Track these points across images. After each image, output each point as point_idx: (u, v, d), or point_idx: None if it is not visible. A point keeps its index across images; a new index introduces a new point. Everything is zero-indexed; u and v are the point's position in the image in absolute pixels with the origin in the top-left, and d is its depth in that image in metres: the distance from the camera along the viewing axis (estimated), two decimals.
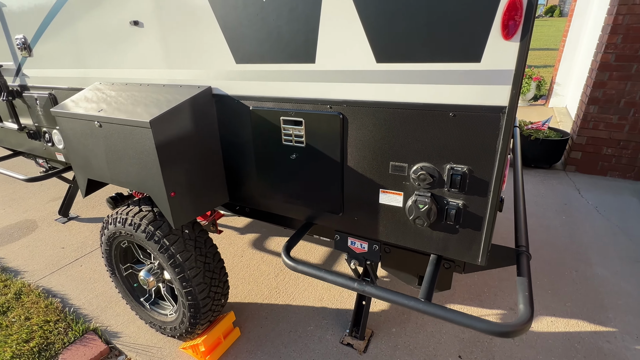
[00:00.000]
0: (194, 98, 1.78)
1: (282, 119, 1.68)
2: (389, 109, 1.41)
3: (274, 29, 1.55)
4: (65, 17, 2.22)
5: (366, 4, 1.32)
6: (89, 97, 2.11)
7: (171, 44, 1.87)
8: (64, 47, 2.34)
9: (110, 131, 1.84)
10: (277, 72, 1.62)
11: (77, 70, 2.37)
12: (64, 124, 2.07)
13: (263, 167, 1.85)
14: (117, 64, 2.14)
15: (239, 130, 1.85)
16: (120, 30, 2.02)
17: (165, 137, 1.71)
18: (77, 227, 3.67)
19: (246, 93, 1.74)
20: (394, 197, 1.52)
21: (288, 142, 1.71)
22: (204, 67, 1.81)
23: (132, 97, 1.94)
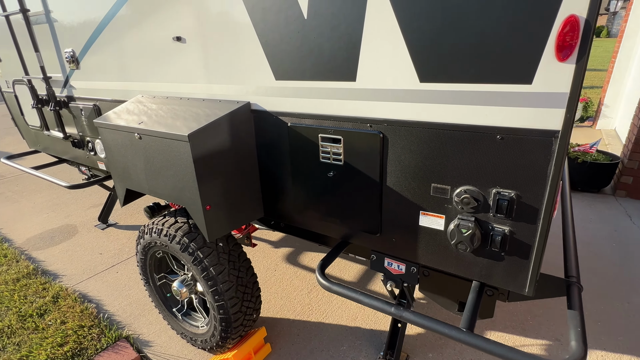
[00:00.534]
0: (233, 113, 1.80)
1: (320, 136, 1.66)
2: (432, 129, 1.36)
3: (315, 46, 1.54)
4: (112, 32, 2.31)
5: (411, 23, 1.29)
6: (130, 109, 2.18)
7: (212, 60, 1.90)
8: (109, 60, 2.44)
9: (150, 143, 1.89)
10: (317, 89, 1.60)
11: (120, 82, 2.45)
12: (105, 135, 2.14)
13: (299, 183, 1.83)
14: (158, 77, 2.20)
15: (277, 146, 1.85)
16: (163, 46, 2.08)
17: (202, 151, 1.73)
18: (115, 234, 3.78)
19: (285, 109, 1.74)
20: (435, 220, 1.46)
21: (326, 160, 1.68)
22: (243, 82, 1.83)
23: (172, 110, 1.98)
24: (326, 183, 1.73)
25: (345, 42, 1.46)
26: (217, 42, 1.84)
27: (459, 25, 1.21)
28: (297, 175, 1.82)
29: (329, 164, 1.68)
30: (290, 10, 1.56)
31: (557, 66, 1.13)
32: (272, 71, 1.71)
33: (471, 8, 1.18)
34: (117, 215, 4.16)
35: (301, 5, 1.53)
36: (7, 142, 7.30)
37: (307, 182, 1.80)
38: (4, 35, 3.08)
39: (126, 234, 3.79)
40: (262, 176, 1.99)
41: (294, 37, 1.59)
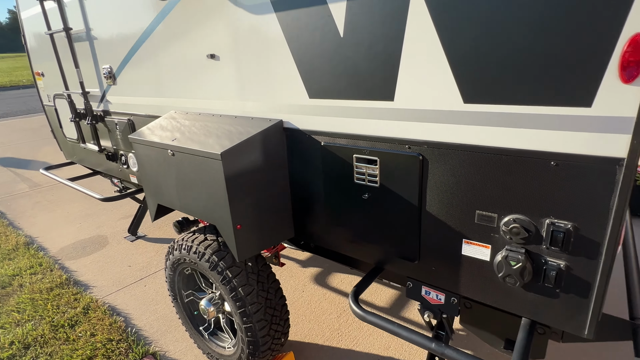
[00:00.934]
0: (265, 131, 1.77)
1: (355, 157, 1.60)
2: (477, 152, 1.28)
3: (351, 65, 1.49)
4: (148, 50, 2.35)
5: (454, 42, 1.22)
6: (164, 125, 2.19)
7: (245, 77, 1.88)
8: (144, 76, 2.47)
9: (182, 160, 1.88)
10: (352, 108, 1.55)
11: (154, 98, 2.49)
12: (139, 150, 2.16)
13: (332, 204, 1.77)
14: (192, 94, 2.21)
15: (309, 165, 1.80)
16: (197, 63, 2.09)
17: (234, 169, 1.70)
18: (144, 247, 3.83)
19: (318, 128, 1.69)
20: (479, 250, 1.36)
21: (360, 181, 1.62)
22: (276, 100, 1.80)
23: (205, 127, 1.98)
24: (360, 205, 1.66)
25: (383, 60, 1.40)
26: (251, 60, 1.82)
27: (508, 43, 1.13)
28: (330, 195, 1.76)
29: (363, 185, 1.62)
30: (325, 29, 1.52)
31: (620, 88, 1.04)
32: (305, 89, 1.67)
33: (523, 24, 1.10)
34: (146, 227, 4.21)
35: (337, 23, 1.48)
36: (46, 152, 7.62)
37: (340, 204, 1.74)
38: (48, 52, 3.21)
39: (154, 246, 3.82)
40: (294, 195, 1.94)
41: (328, 55, 1.55)
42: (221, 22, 1.87)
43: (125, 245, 3.89)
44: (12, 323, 2.77)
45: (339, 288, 3.05)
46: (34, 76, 3.74)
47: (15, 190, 5.58)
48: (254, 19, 1.74)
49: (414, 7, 1.27)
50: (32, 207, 4.98)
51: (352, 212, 1.71)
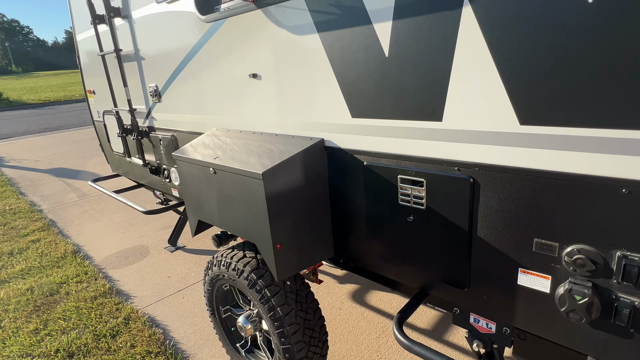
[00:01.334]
0: (307, 150, 1.75)
1: (399, 178, 1.55)
2: (536, 177, 1.19)
3: (396, 84, 1.45)
4: (192, 69, 2.42)
5: (509, 60, 1.15)
6: (206, 142, 2.23)
7: (286, 96, 1.89)
8: (188, 94, 2.55)
9: (224, 178, 1.89)
10: (397, 128, 1.50)
11: (197, 115, 2.55)
12: (182, 167, 2.21)
13: (374, 225, 1.72)
14: (233, 112, 2.24)
15: (351, 185, 1.76)
16: (239, 82, 2.12)
17: (276, 188, 1.69)
18: (183, 258, 3.91)
19: (361, 148, 1.66)
20: (538, 281, 1.26)
21: (405, 203, 1.56)
22: (318, 119, 1.79)
23: (246, 145, 1.99)
24: (404, 227, 1.60)
25: (430, 80, 1.35)
26: (292, 80, 1.82)
27: (571, 60, 1.06)
28: (372, 216, 1.71)
29: (408, 207, 1.56)
30: (370, 49, 1.49)
31: None
32: (348, 108, 1.65)
33: (589, 38, 1.02)
34: (185, 238, 4.31)
35: (382, 43, 1.45)
36: (95, 163, 8.04)
37: (383, 225, 1.68)
38: (99, 71, 3.39)
39: (193, 258, 3.90)
40: (334, 215, 1.90)
41: (373, 75, 1.51)
42: (264, 42, 1.89)
43: (165, 255, 3.99)
44: (58, 330, 2.89)
45: (378, 306, 2.96)
46: (86, 93, 3.97)
47: (65, 200, 5.90)
48: (297, 40, 1.74)
49: (466, 26, 1.22)
50: (80, 216, 5.23)
51: (395, 234, 1.65)
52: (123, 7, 2.83)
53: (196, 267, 3.70)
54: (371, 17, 1.46)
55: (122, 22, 2.90)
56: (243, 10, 1.94)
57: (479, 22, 1.19)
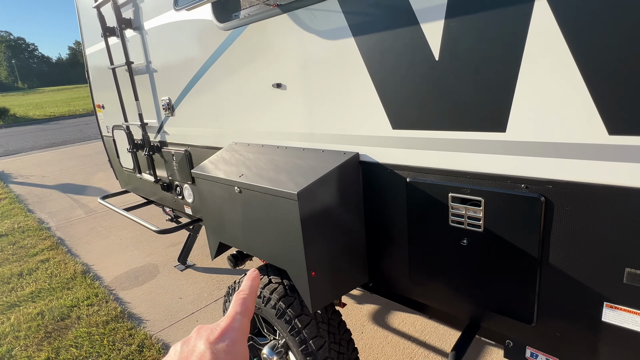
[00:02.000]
0: (342, 166, 1.59)
1: (450, 196, 1.38)
2: (629, 195, 1.02)
3: (448, 91, 1.29)
4: (208, 80, 2.28)
5: (596, 58, 0.99)
6: (227, 158, 2.07)
7: (315, 107, 1.73)
8: (203, 107, 2.40)
9: (250, 198, 1.73)
10: (449, 141, 1.34)
11: (213, 129, 2.40)
12: (202, 186, 2.05)
13: (418, 249, 1.55)
14: (254, 125, 2.09)
15: (390, 204, 1.59)
16: (260, 93, 1.97)
17: (311, 210, 1.52)
18: (194, 277, 3.74)
19: (403, 162, 1.49)
20: (630, 318, 1.08)
21: (457, 224, 1.39)
22: (351, 131, 1.63)
23: (272, 161, 1.83)
24: (456, 252, 1.43)
25: (491, 85, 1.19)
26: (323, 88, 1.67)
27: None
28: (416, 239, 1.54)
29: (461, 229, 1.38)
30: (416, 52, 1.34)
31: None
32: (388, 119, 1.49)
33: None
34: (195, 256, 4.14)
35: (431, 45, 1.30)
36: (100, 178, 7.92)
37: (429, 249, 1.51)
38: (109, 85, 3.26)
39: (204, 277, 3.72)
40: (369, 237, 1.73)
41: (419, 81, 1.36)
42: (290, 49, 1.74)
43: (176, 274, 3.82)
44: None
45: (402, 329, 2.76)
46: (95, 108, 3.84)
47: (73, 217, 5.76)
48: (328, 45, 1.59)
49: (538, 20, 1.06)
50: (88, 234, 5.08)
51: (445, 260, 1.47)
52: (134, 18, 2.71)
53: (208, 288, 3.52)
54: (418, 17, 1.30)
55: (133, 33, 2.77)
56: (266, 16, 1.79)
57: (555, 15, 1.03)
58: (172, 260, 4.12)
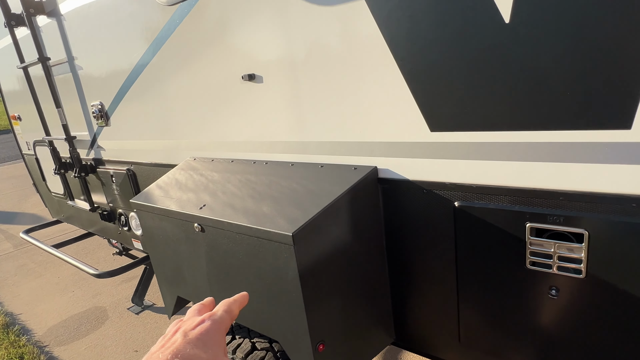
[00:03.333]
0: (355, 188, 1.09)
1: (529, 227, 0.92)
2: None
3: (528, 72, 0.83)
4: (151, 76, 1.70)
5: None
6: (181, 180, 1.51)
7: (306, 104, 1.22)
8: (147, 112, 1.82)
9: (219, 239, 1.19)
10: (529, 145, 0.88)
11: (162, 141, 1.82)
12: (148, 221, 1.47)
13: (474, 302, 1.08)
14: (217, 133, 1.54)
15: (428, 238, 1.11)
16: (225, 88, 1.43)
17: (313, 257, 1.01)
18: (153, 320, 3.08)
19: (449, 179, 1.02)
20: None
21: (541, 267, 0.93)
22: (364, 136, 1.14)
23: (248, 184, 1.30)
24: (538, 308, 0.97)
25: (605, 60, 0.74)
26: (317, 76, 1.17)
27: None
28: (471, 287, 1.07)
29: (548, 275, 0.93)
30: (470, 14, 0.87)
31: None
32: (423, 117, 1.01)
33: None
34: (154, 292, 3.47)
35: (498, 4, 0.83)
36: (34, 203, 6.88)
37: (493, 302, 1.04)
38: (24, 91, 2.57)
39: (166, 320, 3.07)
40: (395, 283, 1.24)
41: (477, 58, 0.89)
42: (266, 23, 1.23)
43: (130, 319, 3.14)
44: None
45: None
46: (10, 120, 3.09)
47: None
48: (324, 15, 1.09)
49: None
50: (16, 272, 4.23)
51: (520, 318, 1.01)
52: (47, 1, 2.07)
53: None
54: None
55: (47, 20, 2.13)
56: None
57: None
58: (126, 300, 3.41)
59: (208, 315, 0.48)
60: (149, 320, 3.10)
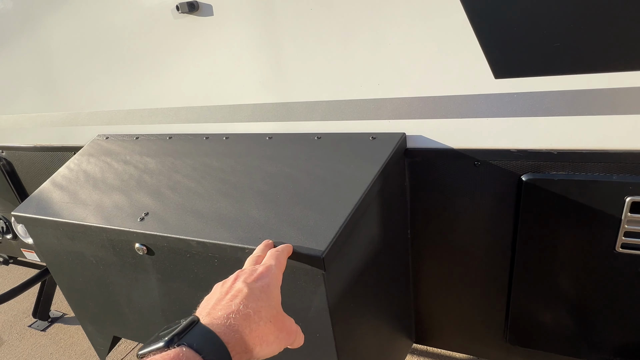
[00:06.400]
0: (385, 169, 0.75)
1: (629, 202, 0.69)
2: None
3: None
4: (17, 13, 1.10)
5: None
6: (94, 173, 1.00)
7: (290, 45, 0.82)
8: (22, 71, 1.21)
9: (181, 264, 0.78)
10: None
11: (50, 114, 1.24)
12: (49, 241, 0.96)
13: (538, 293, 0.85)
14: (141, 98, 1.06)
15: (477, 223, 0.84)
16: (149, 30, 0.94)
17: (342, 281, 0.70)
18: (67, 335, 2.48)
19: (515, 144, 0.74)
20: None
21: (637, 250, 0.72)
22: (387, 91, 0.79)
23: (208, 172, 0.87)
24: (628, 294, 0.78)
25: None
26: (310, 8, 0.77)
27: None
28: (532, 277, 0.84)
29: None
30: None
31: None
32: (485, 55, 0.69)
33: None
34: (62, 300, 2.82)
35: None
36: None
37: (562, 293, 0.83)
38: None
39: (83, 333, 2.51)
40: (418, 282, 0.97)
41: None
42: None
43: (34, 339, 2.50)
44: None
45: None
46: None
47: None
48: None
49: None
50: None
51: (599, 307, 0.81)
52: None
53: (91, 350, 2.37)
54: None
55: None
56: None
57: None
58: (24, 315, 2.71)
59: (265, 269, 0.51)
60: (62, 335, 2.50)
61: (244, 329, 0.42)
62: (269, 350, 0.45)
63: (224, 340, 0.40)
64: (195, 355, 0.37)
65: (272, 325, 0.46)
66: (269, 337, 0.45)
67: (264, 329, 0.44)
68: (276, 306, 0.48)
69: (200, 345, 0.38)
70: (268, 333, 0.45)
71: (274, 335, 0.46)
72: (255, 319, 0.44)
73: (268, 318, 0.45)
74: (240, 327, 0.42)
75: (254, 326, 0.43)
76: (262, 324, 0.44)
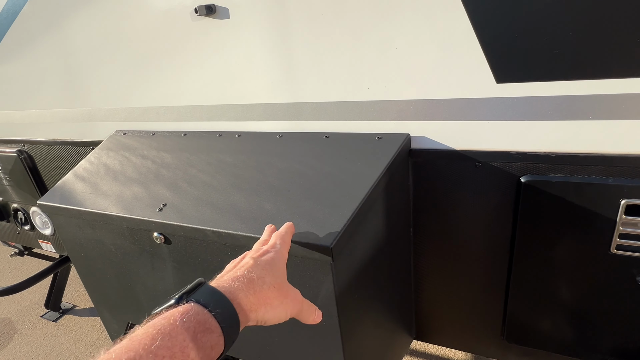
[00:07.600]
0: (391, 167, 0.79)
1: (624, 204, 0.72)
2: None
3: None
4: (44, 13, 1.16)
5: None
6: (113, 166, 1.06)
7: (302, 47, 0.87)
8: (43, 70, 1.27)
9: (196, 254, 0.82)
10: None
11: (70, 110, 1.31)
12: (71, 230, 1.01)
13: (534, 293, 0.89)
14: (158, 96, 1.11)
15: (476, 222, 0.88)
16: (167, 31, 1.00)
17: (349, 272, 0.73)
18: (78, 326, 2.55)
19: (515, 146, 0.78)
20: None
21: (631, 252, 0.76)
22: (392, 93, 0.83)
23: (222, 167, 0.92)
24: (621, 296, 0.81)
25: None
26: (317, 3, 0.81)
27: None
28: (529, 277, 0.87)
29: (637, 259, 0.76)
30: None
31: None
32: (486, 59, 0.73)
33: None
34: (75, 291, 2.90)
35: None
36: None
37: (558, 292, 0.86)
38: None
39: (94, 323, 2.58)
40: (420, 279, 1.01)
41: None
42: None
43: (46, 328, 2.57)
44: None
45: None
46: None
47: None
48: None
49: None
50: None
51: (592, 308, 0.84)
52: None
53: (103, 338, 2.43)
54: None
55: None
56: None
57: None
58: (37, 306, 2.79)
59: (270, 246, 0.56)
60: (72, 326, 2.57)
61: (248, 290, 0.46)
62: (274, 314, 0.48)
63: (229, 297, 0.44)
64: (202, 309, 0.41)
65: (275, 291, 0.49)
66: (274, 301, 0.48)
67: (267, 292, 0.48)
68: (281, 277, 0.51)
69: (207, 301, 0.42)
70: (272, 297, 0.48)
71: (278, 300, 0.49)
72: (259, 283, 0.48)
73: (271, 283, 0.49)
74: (245, 288, 0.46)
75: (257, 288, 0.47)
76: (266, 287, 0.48)
